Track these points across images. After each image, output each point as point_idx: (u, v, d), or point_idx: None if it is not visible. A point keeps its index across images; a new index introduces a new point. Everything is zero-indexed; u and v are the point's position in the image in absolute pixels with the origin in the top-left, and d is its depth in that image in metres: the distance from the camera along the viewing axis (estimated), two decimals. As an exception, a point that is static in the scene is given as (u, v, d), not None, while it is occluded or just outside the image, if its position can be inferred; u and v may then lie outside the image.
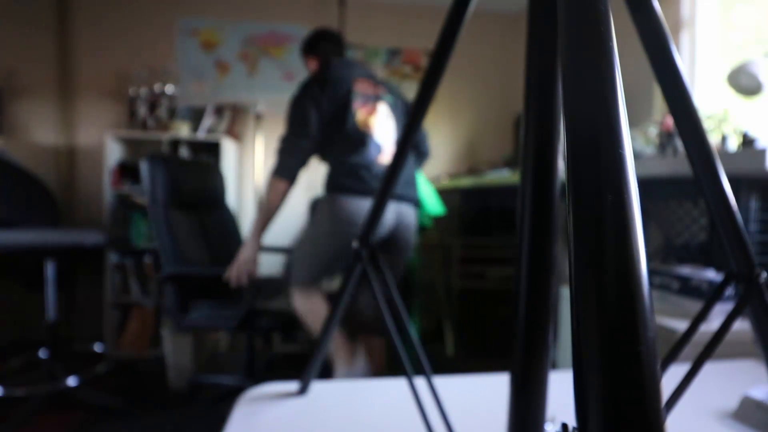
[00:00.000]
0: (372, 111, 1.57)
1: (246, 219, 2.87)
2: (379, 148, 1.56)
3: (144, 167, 1.59)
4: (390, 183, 0.52)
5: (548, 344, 0.34)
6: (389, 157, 1.65)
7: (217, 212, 1.98)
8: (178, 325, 1.65)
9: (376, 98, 1.61)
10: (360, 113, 1.55)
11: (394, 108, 1.67)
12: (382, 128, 1.59)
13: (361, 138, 1.53)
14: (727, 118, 1.37)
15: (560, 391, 0.73)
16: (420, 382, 0.74)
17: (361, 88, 1.58)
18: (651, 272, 1.18)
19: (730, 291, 1.04)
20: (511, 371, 0.36)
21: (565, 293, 1.44)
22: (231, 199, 2.74)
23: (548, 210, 0.33)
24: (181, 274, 1.62)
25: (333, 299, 0.60)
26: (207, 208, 1.89)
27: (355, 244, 0.52)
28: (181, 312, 1.63)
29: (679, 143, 1.34)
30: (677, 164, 1.10)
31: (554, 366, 1.54)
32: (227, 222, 2.06)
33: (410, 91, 3.13)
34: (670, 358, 0.40)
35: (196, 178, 1.79)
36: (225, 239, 1.97)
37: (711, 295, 0.39)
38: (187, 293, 1.66)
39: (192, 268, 1.68)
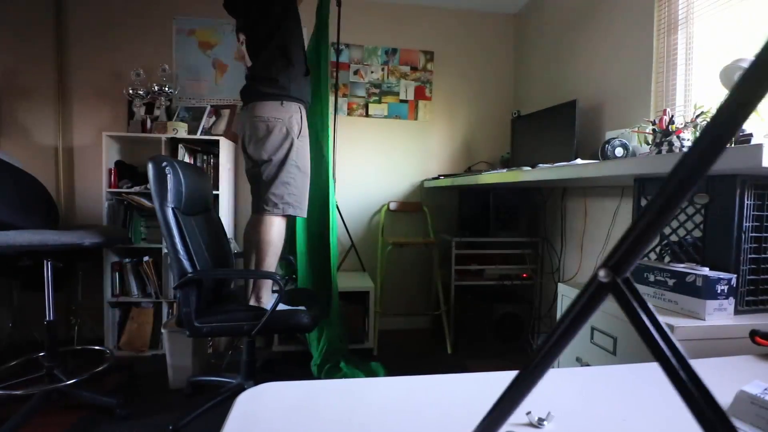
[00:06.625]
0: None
1: (243, 220, 2.87)
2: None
3: (151, 170, 1.55)
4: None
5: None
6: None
7: (208, 216, 1.97)
8: (194, 333, 1.60)
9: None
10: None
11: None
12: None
13: None
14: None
15: (559, 389, 0.73)
16: (420, 381, 0.74)
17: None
18: (646, 269, 1.19)
19: (722, 287, 1.04)
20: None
21: (564, 292, 1.45)
22: (228, 200, 2.74)
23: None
24: (199, 279, 1.59)
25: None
26: (199, 212, 1.88)
27: (603, 274, 0.36)
28: (198, 318, 1.60)
29: (674, 141, 1.35)
30: (672, 161, 1.11)
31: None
32: (217, 226, 2.05)
33: (409, 90, 3.13)
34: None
35: (194, 182, 1.78)
36: (217, 243, 1.96)
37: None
38: (201, 300, 1.64)
39: (215, 272, 1.68)
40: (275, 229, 1.84)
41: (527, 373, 0.36)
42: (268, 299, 1.81)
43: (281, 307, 1.74)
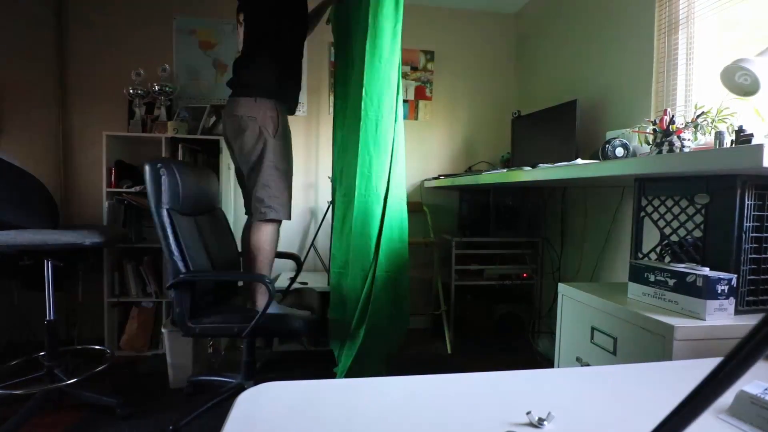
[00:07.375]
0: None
1: (243, 221, 2.87)
2: None
3: (147, 172, 1.55)
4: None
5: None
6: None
7: (212, 216, 1.97)
8: (187, 332, 1.61)
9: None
10: None
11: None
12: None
13: None
14: (721, 114, 1.38)
15: (559, 389, 0.73)
16: (420, 381, 0.74)
17: None
18: (646, 269, 1.19)
19: (723, 287, 1.04)
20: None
21: (564, 291, 1.45)
22: (230, 200, 2.73)
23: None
24: (192, 280, 1.59)
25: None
26: (203, 212, 1.87)
27: None
28: (191, 319, 1.60)
29: (674, 141, 1.35)
30: (672, 162, 1.11)
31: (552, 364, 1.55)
32: (223, 225, 2.05)
33: (409, 90, 3.13)
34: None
35: (194, 182, 1.77)
36: (222, 243, 1.96)
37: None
38: (196, 299, 1.63)
39: (205, 273, 1.68)
40: (263, 235, 1.78)
41: (741, 355, 0.25)
42: (263, 303, 1.77)
43: (275, 310, 1.72)
